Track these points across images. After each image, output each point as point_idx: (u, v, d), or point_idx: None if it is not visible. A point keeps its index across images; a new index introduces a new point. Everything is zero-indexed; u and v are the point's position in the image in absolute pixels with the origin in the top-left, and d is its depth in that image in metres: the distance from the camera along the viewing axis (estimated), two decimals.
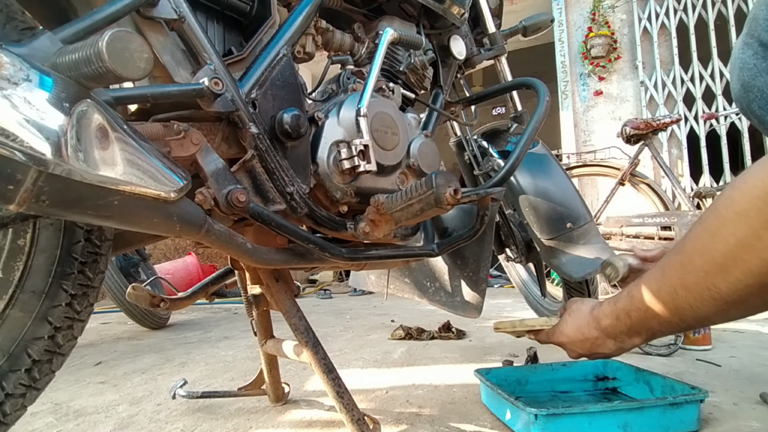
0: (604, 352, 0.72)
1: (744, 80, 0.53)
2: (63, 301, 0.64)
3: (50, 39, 0.48)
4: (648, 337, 0.66)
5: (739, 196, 0.46)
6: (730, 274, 0.47)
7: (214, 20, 0.78)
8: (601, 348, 0.71)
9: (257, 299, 0.95)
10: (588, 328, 0.72)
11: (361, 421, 0.78)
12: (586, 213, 1.30)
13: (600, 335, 0.70)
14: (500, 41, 1.26)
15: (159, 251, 4.04)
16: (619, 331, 0.68)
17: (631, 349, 0.71)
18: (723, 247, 0.47)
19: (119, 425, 1.00)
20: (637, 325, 0.64)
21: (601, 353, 0.73)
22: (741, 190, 0.46)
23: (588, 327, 0.72)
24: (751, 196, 0.44)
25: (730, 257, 0.47)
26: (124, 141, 0.51)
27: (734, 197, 0.46)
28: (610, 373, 1.10)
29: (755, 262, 0.45)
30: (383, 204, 0.74)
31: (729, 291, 0.48)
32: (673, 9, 3.85)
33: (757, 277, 0.45)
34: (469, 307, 1.19)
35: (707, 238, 0.49)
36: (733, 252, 0.46)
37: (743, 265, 0.46)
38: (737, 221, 0.45)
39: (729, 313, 0.51)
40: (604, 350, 0.71)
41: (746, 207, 0.45)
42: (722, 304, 0.50)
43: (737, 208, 0.46)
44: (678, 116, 2.84)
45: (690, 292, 0.53)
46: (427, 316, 2.35)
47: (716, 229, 0.48)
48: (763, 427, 0.88)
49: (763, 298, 0.47)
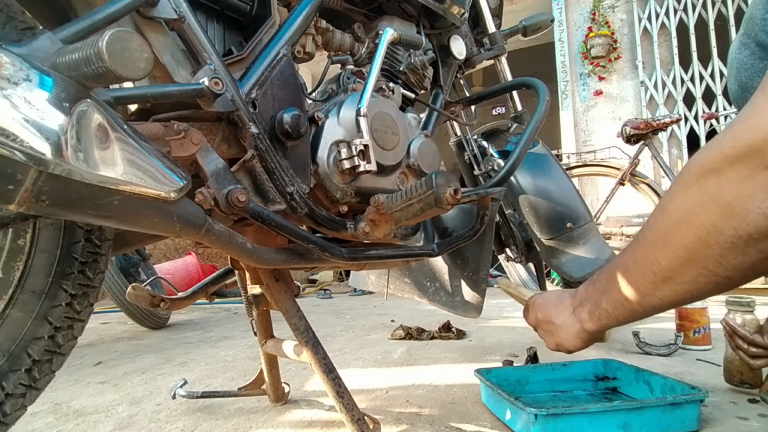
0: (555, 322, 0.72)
1: (741, 81, 0.53)
2: (63, 301, 0.64)
3: (50, 39, 0.48)
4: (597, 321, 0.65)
5: (686, 173, 0.48)
6: (669, 248, 0.49)
7: (214, 20, 0.78)
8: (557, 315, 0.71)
9: (257, 299, 0.95)
10: (562, 292, 0.74)
11: (361, 421, 0.78)
12: (586, 213, 1.30)
13: (568, 299, 0.71)
14: (500, 41, 1.26)
15: (159, 251, 4.04)
16: (580, 301, 0.68)
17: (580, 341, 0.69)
18: (668, 221, 0.49)
19: (119, 425, 1.00)
20: (594, 298, 0.65)
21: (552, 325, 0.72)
22: (688, 167, 0.47)
23: (562, 292, 0.73)
24: (694, 173, 0.46)
25: (672, 231, 0.48)
26: (124, 141, 0.51)
27: (682, 174, 0.48)
28: (610, 373, 1.10)
29: (690, 237, 0.46)
30: (383, 204, 0.74)
31: (667, 265, 0.50)
32: (673, 9, 3.85)
33: (691, 253, 0.47)
34: (469, 307, 1.19)
35: (658, 212, 0.52)
36: (675, 226, 0.48)
37: (681, 239, 0.47)
38: (682, 197, 0.47)
39: (664, 294, 0.52)
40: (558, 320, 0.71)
41: (690, 183, 0.46)
42: (659, 281, 0.51)
43: (683, 184, 0.47)
44: (678, 116, 2.85)
45: (637, 266, 0.54)
46: (427, 316, 2.35)
47: (666, 204, 0.50)
48: (763, 426, 0.88)
49: (693, 278, 0.48)
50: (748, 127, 0.41)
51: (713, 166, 0.44)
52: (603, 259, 1.26)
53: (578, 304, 0.69)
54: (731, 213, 0.43)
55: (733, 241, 0.43)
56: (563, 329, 0.71)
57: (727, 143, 0.43)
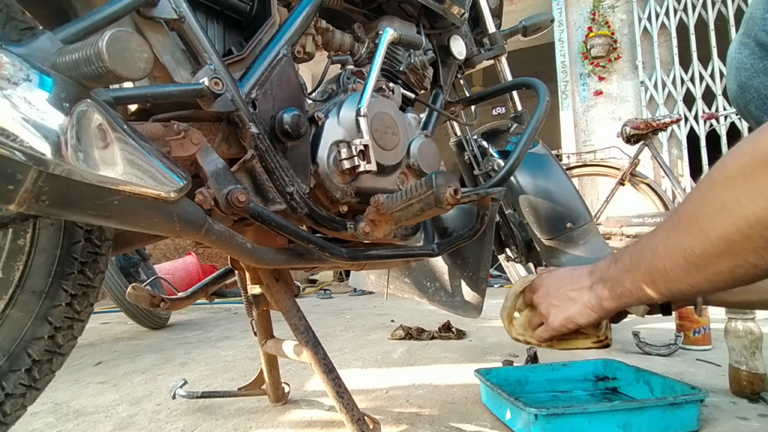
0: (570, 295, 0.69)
1: (741, 81, 0.53)
2: (63, 301, 0.64)
3: (50, 39, 0.48)
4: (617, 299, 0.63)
5: (731, 161, 0.47)
6: (707, 237, 0.48)
7: (214, 20, 0.78)
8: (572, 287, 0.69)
9: (257, 299, 0.95)
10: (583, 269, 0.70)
11: (361, 421, 0.78)
12: (586, 213, 1.30)
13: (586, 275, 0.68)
14: (500, 41, 1.26)
15: (159, 251, 4.04)
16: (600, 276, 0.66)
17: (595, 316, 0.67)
18: (707, 209, 0.48)
19: (119, 425, 1.00)
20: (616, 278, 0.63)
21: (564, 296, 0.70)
22: (733, 156, 0.46)
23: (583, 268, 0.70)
24: (740, 163, 0.45)
25: (711, 220, 0.48)
26: (124, 141, 0.51)
27: (726, 162, 0.47)
28: (610, 373, 1.10)
29: (731, 228, 0.46)
30: (383, 204, 0.74)
31: (701, 254, 0.49)
32: (673, 9, 3.85)
33: (730, 245, 0.46)
34: (469, 307, 1.19)
35: (697, 198, 0.51)
36: (715, 215, 0.47)
37: (720, 229, 0.47)
38: (724, 185, 0.46)
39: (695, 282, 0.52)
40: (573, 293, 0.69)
41: (734, 173, 0.46)
42: (692, 268, 0.51)
43: (727, 172, 0.47)
44: (678, 116, 2.85)
45: (668, 251, 0.53)
46: (427, 316, 2.35)
47: (706, 191, 0.49)
48: (763, 426, 0.88)
49: (731, 268, 0.48)
50: None
51: (764, 157, 0.42)
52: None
53: (597, 280, 0.67)
54: None
55: None
56: (578, 303, 0.68)
57: None
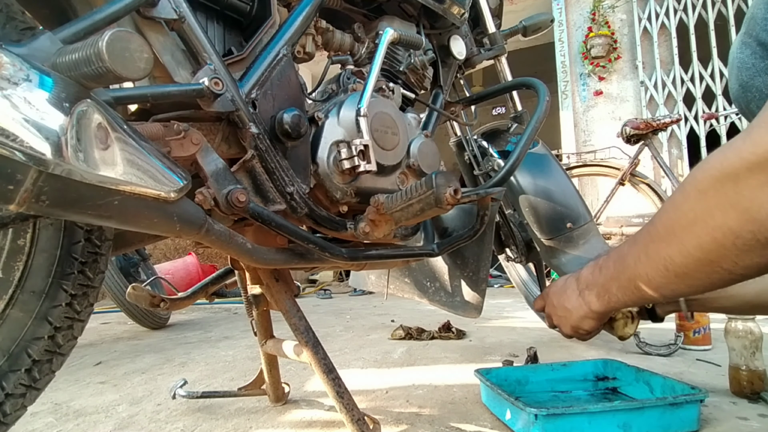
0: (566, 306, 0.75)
1: (742, 80, 0.53)
2: (63, 301, 0.64)
3: (50, 39, 0.48)
4: (605, 304, 0.67)
5: (701, 175, 0.48)
6: (684, 247, 0.50)
7: (214, 20, 0.78)
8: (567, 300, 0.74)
9: (257, 299, 0.95)
10: (568, 277, 0.76)
11: (361, 421, 0.78)
12: (586, 213, 1.30)
13: (574, 283, 0.73)
14: (500, 41, 1.26)
15: (159, 251, 4.04)
16: (586, 284, 0.70)
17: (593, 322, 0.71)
18: (683, 221, 0.50)
19: (119, 425, 1.00)
20: (601, 283, 0.67)
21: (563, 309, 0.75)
22: (703, 170, 0.48)
23: (569, 276, 0.76)
24: (710, 177, 0.47)
25: (687, 230, 0.50)
26: (124, 141, 0.51)
27: (697, 176, 0.49)
28: (610, 373, 1.10)
29: (706, 238, 0.47)
30: (383, 204, 0.74)
31: (680, 263, 0.51)
32: (673, 9, 3.85)
33: (706, 253, 0.48)
34: (469, 307, 1.19)
35: (671, 211, 0.53)
36: (690, 227, 0.49)
37: (696, 239, 0.49)
38: (697, 199, 0.48)
39: (677, 287, 0.54)
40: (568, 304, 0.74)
41: (705, 186, 0.47)
42: (672, 276, 0.53)
43: (699, 186, 0.48)
44: (678, 116, 2.84)
45: (650, 260, 0.56)
46: (427, 316, 2.35)
47: (679, 204, 0.51)
48: (763, 426, 0.88)
49: (708, 275, 0.50)
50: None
51: (732, 171, 0.44)
52: None
53: (584, 287, 0.71)
54: (750, 218, 0.43)
55: (751, 244, 0.44)
56: (575, 313, 0.73)
57: (747, 149, 0.43)
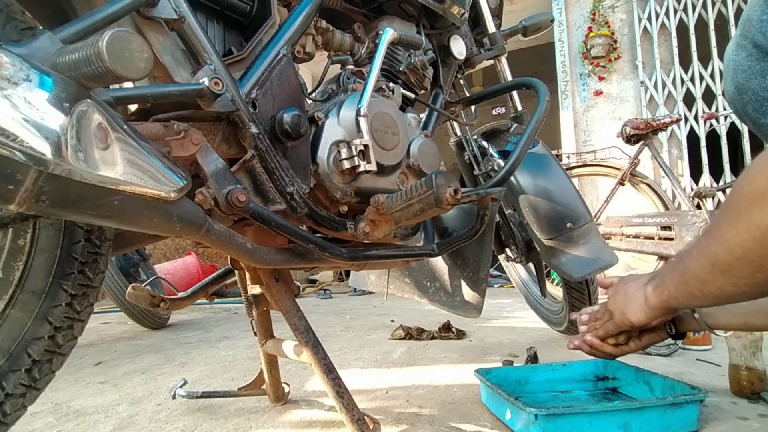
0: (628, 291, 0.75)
1: (738, 82, 0.53)
2: (63, 301, 0.64)
3: (50, 39, 0.48)
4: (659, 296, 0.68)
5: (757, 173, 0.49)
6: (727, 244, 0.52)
7: (214, 20, 0.78)
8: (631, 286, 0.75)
9: (257, 299, 0.95)
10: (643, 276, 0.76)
11: (361, 421, 0.78)
12: (586, 213, 1.30)
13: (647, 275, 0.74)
14: (500, 41, 1.26)
15: (159, 251, 4.04)
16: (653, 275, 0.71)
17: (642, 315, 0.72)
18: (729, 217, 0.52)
19: (119, 425, 1.00)
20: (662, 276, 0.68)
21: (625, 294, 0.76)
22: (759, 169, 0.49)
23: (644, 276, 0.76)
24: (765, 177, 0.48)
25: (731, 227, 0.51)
26: (124, 141, 0.51)
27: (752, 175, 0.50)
28: (610, 373, 1.10)
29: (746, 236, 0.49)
30: (383, 204, 0.74)
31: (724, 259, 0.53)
32: (673, 9, 3.85)
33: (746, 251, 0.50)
34: (469, 307, 1.19)
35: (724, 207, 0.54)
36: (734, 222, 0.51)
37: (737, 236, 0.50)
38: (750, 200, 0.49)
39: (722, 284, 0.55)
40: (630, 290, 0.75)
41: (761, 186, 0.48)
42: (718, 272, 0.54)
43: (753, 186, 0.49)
44: (678, 116, 2.84)
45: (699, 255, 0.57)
46: (427, 316, 2.35)
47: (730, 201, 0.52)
48: (763, 426, 0.88)
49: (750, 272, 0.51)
50: None
51: None
52: (603, 259, 1.26)
53: (650, 278, 0.72)
54: None
55: None
56: (631, 300, 0.74)
57: None
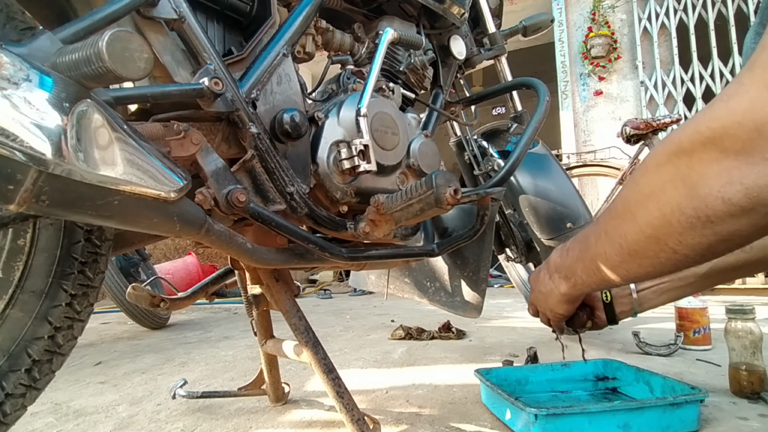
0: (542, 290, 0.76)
1: None
2: (63, 301, 0.64)
3: (50, 39, 0.48)
4: (572, 285, 0.68)
5: (660, 149, 0.48)
6: (636, 223, 0.50)
7: (214, 20, 0.78)
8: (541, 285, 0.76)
9: (257, 299, 0.95)
10: (544, 263, 0.78)
11: (361, 421, 0.78)
12: (586, 213, 1.30)
13: (545, 267, 0.75)
14: (500, 41, 1.26)
15: (159, 251, 4.04)
16: (555, 268, 0.71)
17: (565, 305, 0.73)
18: (638, 195, 0.50)
19: (119, 425, 1.00)
20: (567, 265, 0.68)
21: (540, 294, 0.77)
22: (663, 145, 0.48)
23: (545, 262, 0.78)
24: (668, 151, 0.46)
25: (641, 205, 0.49)
26: (124, 141, 0.51)
27: (657, 151, 0.49)
28: (610, 373, 1.10)
29: (655, 213, 0.47)
30: (383, 204, 0.74)
31: (633, 240, 0.51)
32: (673, 9, 3.85)
33: (654, 230, 0.48)
34: (469, 307, 1.19)
35: (630, 185, 0.52)
36: (644, 201, 0.49)
37: (647, 215, 0.48)
38: (653, 173, 0.48)
39: (630, 267, 0.54)
40: (543, 288, 0.76)
41: (663, 161, 0.47)
42: (626, 254, 0.53)
43: (657, 160, 0.48)
44: (678, 116, 2.84)
45: (608, 237, 0.56)
46: (427, 316, 2.35)
47: (638, 179, 0.51)
48: (763, 426, 0.88)
49: (656, 253, 0.49)
50: (728, 108, 0.40)
51: (688, 146, 0.44)
52: None
53: (553, 270, 0.72)
54: (695, 194, 0.43)
55: (692, 221, 0.44)
56: (548, 297, 0.75)
57: (704, 123, 0.42)
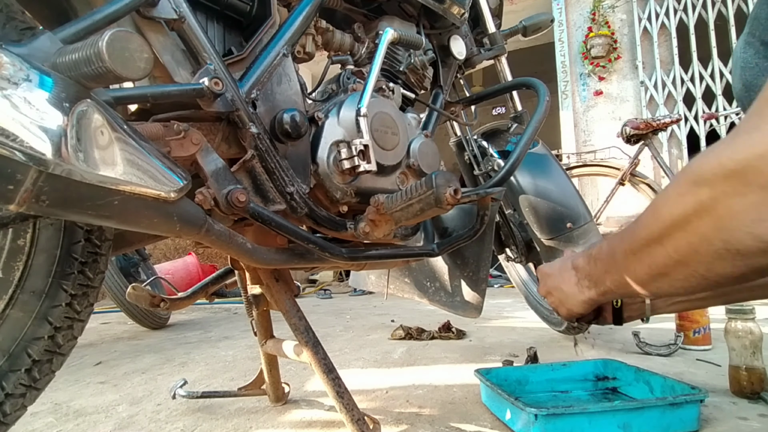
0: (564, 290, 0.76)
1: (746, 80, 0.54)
2: (63, 301, 0.64)
3: (50, 39, 0.48)
4: (600, 294, 0.69)
5: (682, 178, 0.48)
6: (664, 248, 0.51)
7: (214, 20, 0.78)
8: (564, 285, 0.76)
9: (257, 299, 0.95)
10: (565, 262, 0.78)
11: (361, 421, 0.78)
12: (586, 213, 1.30)
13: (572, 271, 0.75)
14: (500, 41, 1.26)
15: (159, 251, 4.04)
16: (584, 274, 0.72)
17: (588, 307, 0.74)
18: (661, 224, 0.51)
19: (119, 425, 1.00)
20: (596, 275, 0.68)
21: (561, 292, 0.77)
22: (684, 173, 0.48)
23: (565, 262, 0.78)
24: (689, 180, 0.47)
25: (665, 233, 0.50)
26: (124, 141, 0.51)
27: (679, 179, 0.49)
28: (610, 373, 1.10)
29: (682, 242, 0.48)
30: (383, 204, 0.74)
31: (662, 263, 0.52)
32: (673, 9, 3.85)
33: (683, 257, 0.49)
34: (469, 307, 1.19)
35: (651, 213, 0.53)
36: (668, 229, 0.50)
37: (674, 242, 0.49)
38: (676, 202, 0.48)
39: (661, 286, 0.55)
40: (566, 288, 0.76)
41: (684, 190, 0.47)
42: (656, 274, 0.54)
43: (679, 189, 0.48)
44: (678, 116, 2.84)
45: (636, 258, 0.56)
46: (427, 316, 2.35)
47: (659, 206, 0.52)
48: (763, 426, 0.88)
49: (686, 278, 0.50)
50: (750, 140, 0.40)
51: (710, 177, 0.43)
52: None
53: (583, 277, 0.72)
54: (722, 226, 0.43)
55: (722, 253, 0.43)
56: (571, 298, 0.75)
57: (725, 155, 0.42)
